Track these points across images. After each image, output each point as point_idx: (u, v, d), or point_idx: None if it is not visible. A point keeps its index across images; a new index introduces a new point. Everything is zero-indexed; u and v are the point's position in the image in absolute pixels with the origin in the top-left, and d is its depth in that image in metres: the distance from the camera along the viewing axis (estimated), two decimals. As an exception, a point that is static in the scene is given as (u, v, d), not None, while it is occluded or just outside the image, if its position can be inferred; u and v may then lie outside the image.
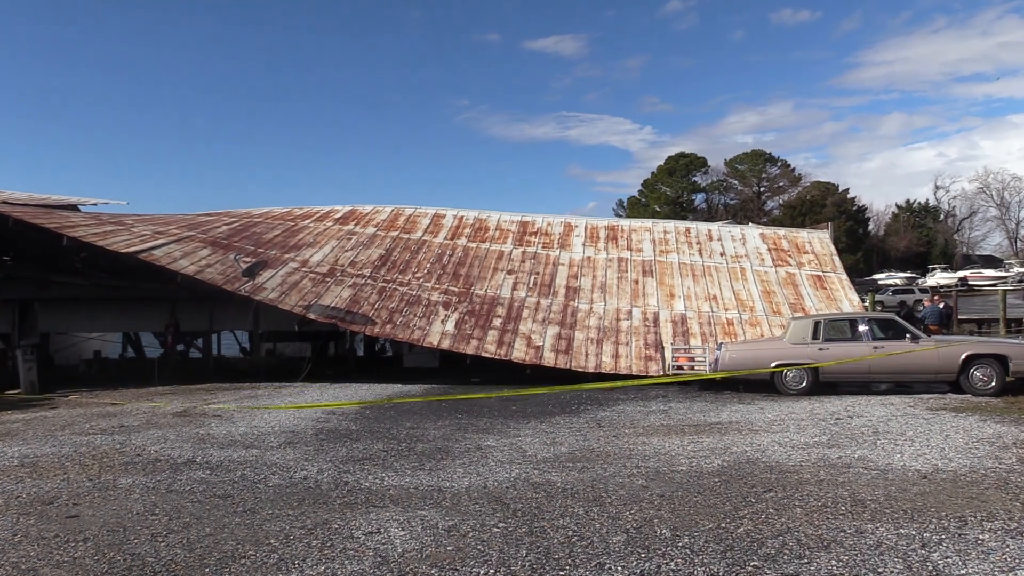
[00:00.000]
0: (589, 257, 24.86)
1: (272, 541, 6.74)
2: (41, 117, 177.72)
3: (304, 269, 22.49)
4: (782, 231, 27.24)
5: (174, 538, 6.86)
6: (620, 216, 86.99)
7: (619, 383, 17.16)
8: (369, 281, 22.55)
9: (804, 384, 16.76)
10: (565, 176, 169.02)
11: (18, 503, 8.22)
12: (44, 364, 22.57)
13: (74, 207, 25.97)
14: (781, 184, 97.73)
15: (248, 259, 21.61)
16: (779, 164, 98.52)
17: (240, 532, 7.01)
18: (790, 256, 24.94)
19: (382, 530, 6.96)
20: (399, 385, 19.52)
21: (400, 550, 6.39)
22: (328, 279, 22.18)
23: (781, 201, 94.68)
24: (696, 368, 19.03)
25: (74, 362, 25.65)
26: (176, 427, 13.27)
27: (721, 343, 18.81)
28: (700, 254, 25.04)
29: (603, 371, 19.31)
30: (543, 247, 25.38)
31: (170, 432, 12.71)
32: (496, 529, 6.94)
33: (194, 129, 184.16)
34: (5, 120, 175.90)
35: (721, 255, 24.98)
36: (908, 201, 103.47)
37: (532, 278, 23.58)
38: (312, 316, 20.38)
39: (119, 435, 12.52)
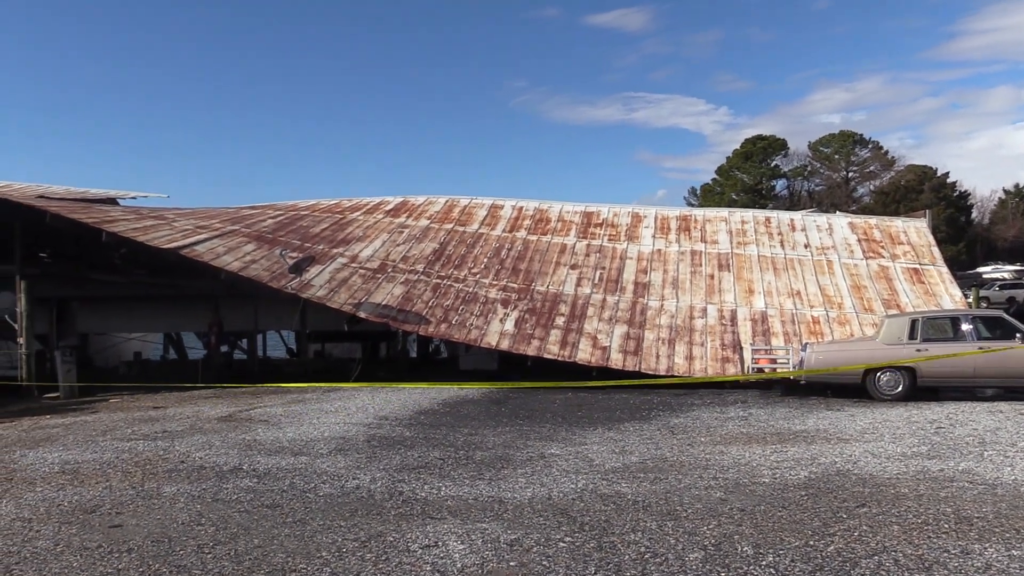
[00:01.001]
0: (659, 250, 24.78)
1: (324, 554, 6.84)
2: (78, 110, 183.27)
3: (353, 265, 22.82)
4: (873, 220, 26.76)
5: (221, 550, 7.01)
6: (692, 205, 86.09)
7: (694, 380, 17.02)
8: (422, 277, 22.79)
9: (900, 389, 16.48)
10: (631, 162, 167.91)
11: (60, 511, 8.44)
12: (83, 366, 23.07)
13: (113, 201, 26.55)
14: (872, 168, 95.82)
15: (295, 254, 21.96)
16: (870, 146, 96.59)
17: (290, 544, 7.13)
18: (883, 247, 24.54)
19: (440, 543, 7.02)
20: (455, 388, 19.72)
21: (459, 565, 6.44)
22: (379, 275, 22.47)
23: (872, 187, 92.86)
24: (779, 370, 18.90)
25: (114, 364, 26.24)
26: (221, 432, 13.51)
27: (806, 343, 18.60)
28: (782, 246, 24.79)
29: (675, 373, 19.31)
30: (609, 240, 25.38)
31: (215, 438, 12.94)
32: (562, 544, 6.96)
33: (236, 120, 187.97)
34: (43, 114, 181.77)
35: (805, 247, 24.69)
36: (1017, 186, 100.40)
37: (597, 273, 23.58)
38: (362, 315, 20.63)
39: (162, 441, 12.77)
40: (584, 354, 20.01)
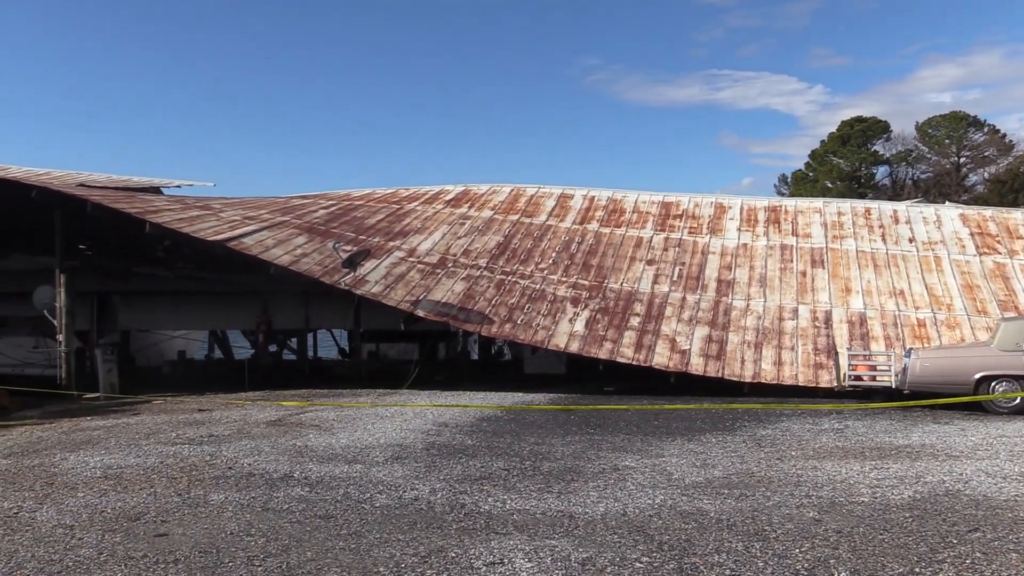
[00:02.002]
0: (745, 244, 24.64)
1: (381, 569, 6.90)
2: (120, 97, 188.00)
3: (411, 259, 23.10)
4: (988, 211, 26.27)
5: (272, 563, 7.12)
6: (783, 194, 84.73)
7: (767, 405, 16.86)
8: (485, 273, 22.98)
9: (1018, 400, 16.15)
10: (715, 147, 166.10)
11: (103, 519, 8.66)
12: (124, 365, 23.55)
13: (156, 190, 27.08)
14: (987, 153, 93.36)
15: (348, 247, 22.20)
16: (985, 128, 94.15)
17: (345, 558, 7.22)
18: (999, 242, 24.06)
19: (505, 561, 7.06)
20: (520, 394, 19.83)
21: (526, 585, 6.42)
22: (438, 270, 22.72)
23: (987, 174, 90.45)
24: (879, 379, 18.58)
25: (157, 363, 26.83)
26: (270, 438, 13.71)
27: (910, 349, 18.31)
28: (883, 240, 24.45)
29: (762, 380, 19.27)
30: (689, 232, 25.30)
31: (264, 443, 13.12)
32: (639, 564, 6.95)
33: (286, 105, 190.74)
34: (86, 101, 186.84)
35: (910, 241, 24.34)
36: None
37: (676, 269, 23.54)
38: (420, 313, 20.84)
39: (208, 445, 12.98)
40: (661, 358, 20.03)
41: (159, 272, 23.71)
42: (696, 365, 19.78)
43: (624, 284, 22.87)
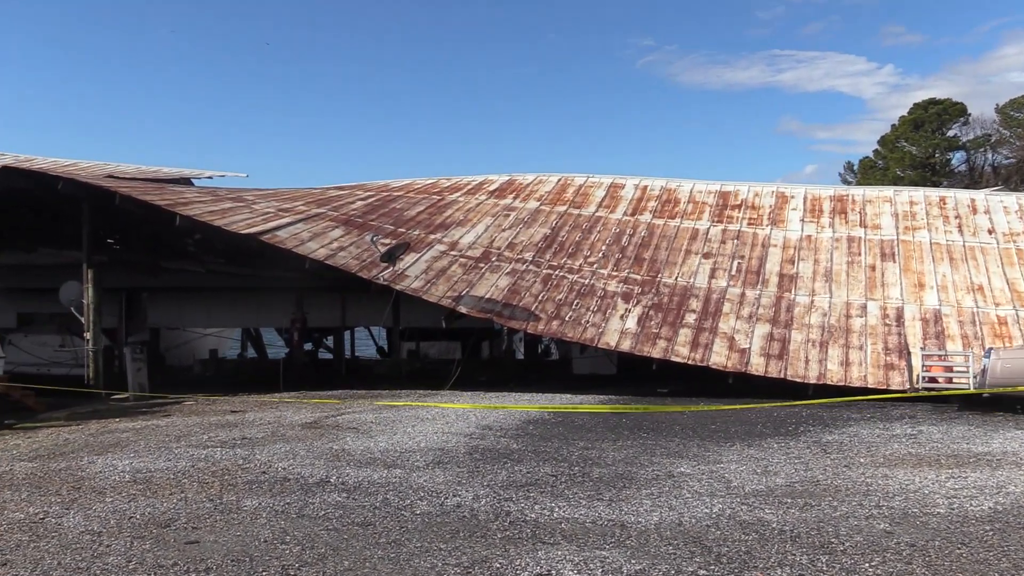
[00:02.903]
0: (809, 236, 24.44)
1: (422, 580, 6.88)
2: (149, 83, 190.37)
3: (453, 253, 23.23)
4: (1076, 200, 25.65)
5: (308, 572, 7.15)
6: (849, 183, 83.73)
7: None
8: (531, 267, 23.00)
9: (1109, 404, 15.79)
10: (776, 133, 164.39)
11: (131, 525, 8.75)
12: (154, 364, 23.70)
13: (187, 181, 27.42)
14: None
15: (387, 241, 22.37)
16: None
17: (384, 568, 7.24)
18: (1088, 233, 23.50)
19: (553, 572, 7.05)
20: (568, 395, 19.94)
21: (576, 598, 6.39)
22: (482, 264, 22.81)
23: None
24: (955, 381, 18.32)
25: (187, 362, 27.05)
26: (306, 441, 13.82)
27: (990, 348, 18.09)
28: (960, 231, 24.14)
29: (828, 382, 19.12)
30: (749, 224, 25.15)
31: (299, 447, 13.23)
32: (695, 578, 6.89)
33: (324, 93, 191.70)
34: (111, 92, 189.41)
35: (989, 232, 23.96)
36: None
37: (735, 263, 23.41)
38: (463, 310, 20.97)
39: (241, 448, 13.12)
40: (719, 357, 19.98)
41: (190, 267, 23.92)
42: (756, 365, 19.71)
43: (679, 279, 22.78)
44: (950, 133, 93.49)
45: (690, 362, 19.87)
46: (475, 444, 13.36)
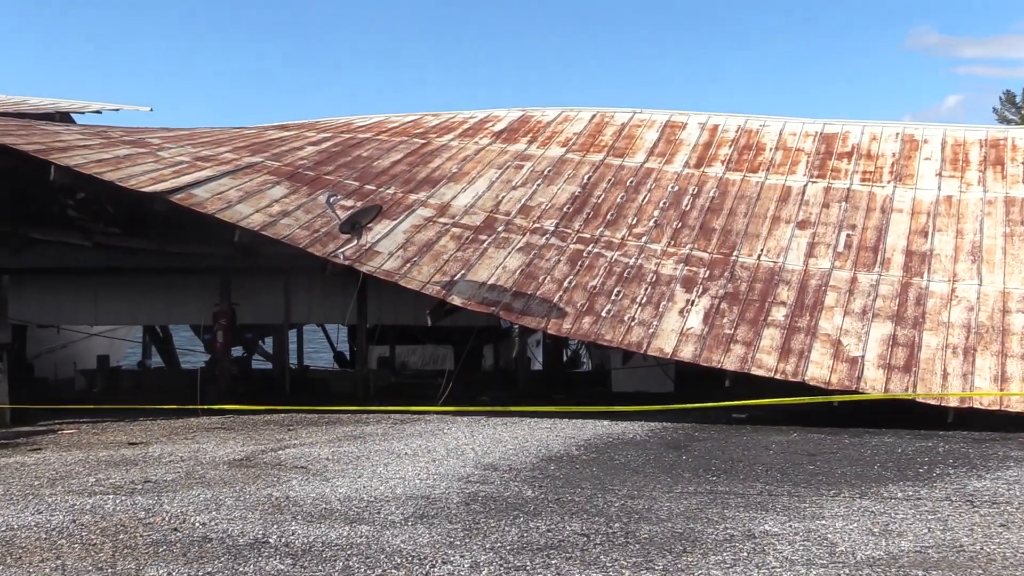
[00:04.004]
0: (949, 197, 22.09)
1: None
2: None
3: (443, 220, 21.18)
4: None
5: None
6: (1008, 122, 74.74)
7: None
8: (553, 241, 20.87)
9: None
10: (902, 49, 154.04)
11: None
12: (18, 376, 21.56)
13: (66, 117, 25.47)
14: None
15: (349, 203, 20.51)
16: None
17: None
18: None
19: None
20: (605, 422, 18.02)
21: None
22: (483, 237, 20.79)
23: None
24: None
25: (66, 373, 24.83)
26: (235, 484, 12.65)
27: None
28: None
29: (976, 406, 17.16)
30: (863, 180, 22.70)
31: (225, 493, 12.13)
32: None
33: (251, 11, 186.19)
34: None
35: None
36: None
37: (842, 236, 21.27)
38: (456, 301, 19.14)
39: (143, 496, 11.98)
40: (819, 370, 17.82)
41: (70, 240, 21.23)
42: (873, 380, 17.60)
43: (762, 257, 20.43)
44: None
45: (778, 376, 17.75)
46: (474, 490, 12.32)
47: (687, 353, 18.38)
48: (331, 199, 20.20)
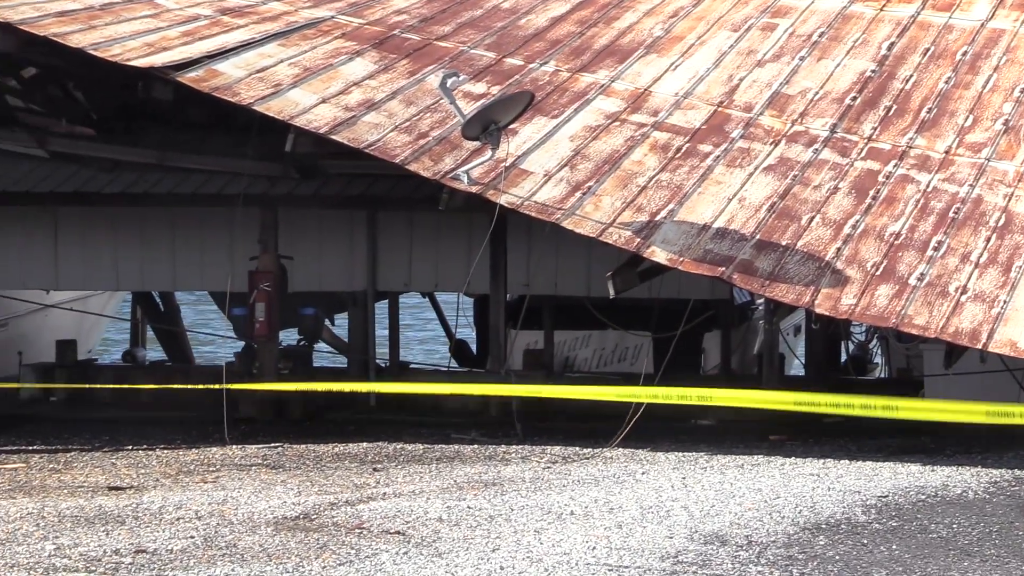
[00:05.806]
0: None
1: None
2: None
3: (637, 118, 15.92)
4: None
5: None
6: None
7: None
8: (826, 154, 15.86)
9: None
10: None
11: None
12: None
13: None
14: None
15: (479, 88, 16.27)
16: None
17: None
18: None
19: None
20: (915, 464, 14.42)
21: None
22: (706, 147, 15.62)
23: None
24: None
25: (7, 370, 19.87)
26: (286, 560, 9.24)
27: None
28: None
29: None
30: None
31: (271, 574, 9.00)
32: None
33: None
34: None
35: None
36: None
37: None
38: (660, 256, 14.53)
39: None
40: None
41: (11, 147, 16.96)
42: None
43: None
44: None
45: None
46: (688, 571, 9.11)
47: (1066, 347, 13.63)
48: (449, 81, 15.04)
